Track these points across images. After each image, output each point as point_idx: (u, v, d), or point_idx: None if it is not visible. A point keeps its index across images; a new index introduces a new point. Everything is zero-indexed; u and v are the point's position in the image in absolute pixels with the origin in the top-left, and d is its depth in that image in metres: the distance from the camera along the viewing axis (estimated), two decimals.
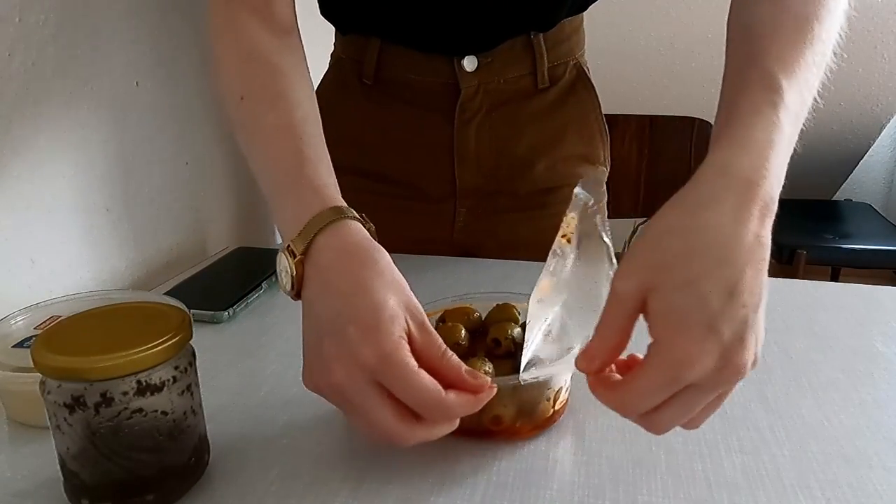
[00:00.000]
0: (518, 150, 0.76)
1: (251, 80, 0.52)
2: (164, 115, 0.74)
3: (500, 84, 0.73)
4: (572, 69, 0.76)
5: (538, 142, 0.76)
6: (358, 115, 0.77)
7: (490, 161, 0.76)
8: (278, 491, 0.40)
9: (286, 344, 0.57)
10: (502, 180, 0.77)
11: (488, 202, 0.78)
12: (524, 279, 0.70)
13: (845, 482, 0.40)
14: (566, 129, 0.77)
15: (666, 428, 0.37)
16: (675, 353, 0.34)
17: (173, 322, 0.38)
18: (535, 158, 0.77)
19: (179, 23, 0.77)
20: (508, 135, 0.75)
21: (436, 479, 0.40)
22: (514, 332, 0.47)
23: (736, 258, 0.35)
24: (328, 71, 0.81)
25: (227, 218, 0.89)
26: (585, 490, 0.39)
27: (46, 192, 0.60)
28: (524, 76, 0.74)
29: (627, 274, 0.36)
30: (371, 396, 0.37)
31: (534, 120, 0.76)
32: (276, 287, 0.70)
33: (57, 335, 0.37)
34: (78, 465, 0.36)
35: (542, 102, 0.75)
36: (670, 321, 0.34)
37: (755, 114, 0.39)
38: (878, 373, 0.52)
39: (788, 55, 0.42)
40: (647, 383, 0.35)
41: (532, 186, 0.78)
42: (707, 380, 0.34)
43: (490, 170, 0.77)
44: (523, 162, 0.77)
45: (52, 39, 0.59)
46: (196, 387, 0.40)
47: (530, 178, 0.77)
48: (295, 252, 0.42)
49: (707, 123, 1.23)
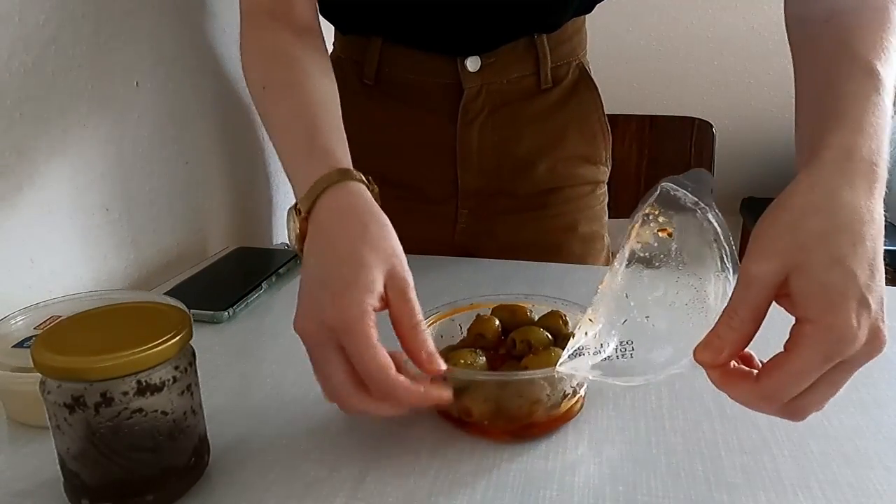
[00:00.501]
0: (520, 150, 0.76)
1: (272, 72, 0.56)
2: (164, 115, 0.74)
3: (503, 84, 0.73)
4: (575, 69, 0.76)
5: (540, 142, 0.76)
6: (357, 115, 0.77)
7: (492, 162, 0.76)
8: (278, 491, 0.40)
9: (286, 344, 0.57)
10: (504, 181, 0.77)
11: (489, 203, 0.78)
12: (525, 279, 0.71)
13: (845, 482, 0.40)
14: (567, 130, 0.77)
15: (809, 412, 0.37)
16: (834, 330, 0.34)
17: (173, 322, 0.38)
18: (537, 159, 0.77)
19: (179, 23, 0.77)
20: (510, 135, 0.75)
21: (436, 479, 0.40)
22: (535, 337, 0.47)
23: (872, 236, 0.36)
24: (337, 72, 0.81)
25: (227, 218, 0.89)
26: (585, 490, 0.39)
27: (46, 193, 0.60)
28: (527, 76, 0.74)
29: (765, 256, 0.36)
30: (330, 354, 0.39)
31: (536, 120, 0.76)
32: (276, 287, 0.70)
33: (57, 335, 0.37)
34: (78, 465, 0.36)
35: (545, 103, 0.75)
36: (823, 299, 0.34)
37: (865, 99, 0.40)
38: (878, 373, 0.52)
39: (876, 41, 0.44)
40: (803, 364, 0.35)
41: (533, 187, 0.78)
42: (857, 355, 0.35)
43: (492, 171, 0.77)
44: (525, 163, 0.77)
45: (52, 39, 0.59)
46: (196, 387, 0.40)
47: (531, 178, 0.77)
48: (301, 210, 0.46)
49: (707, 123, 1.23)
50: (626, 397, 0.48)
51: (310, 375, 0.41)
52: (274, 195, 1.03)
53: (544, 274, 0.72)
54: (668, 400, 0.48)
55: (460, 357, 0.44)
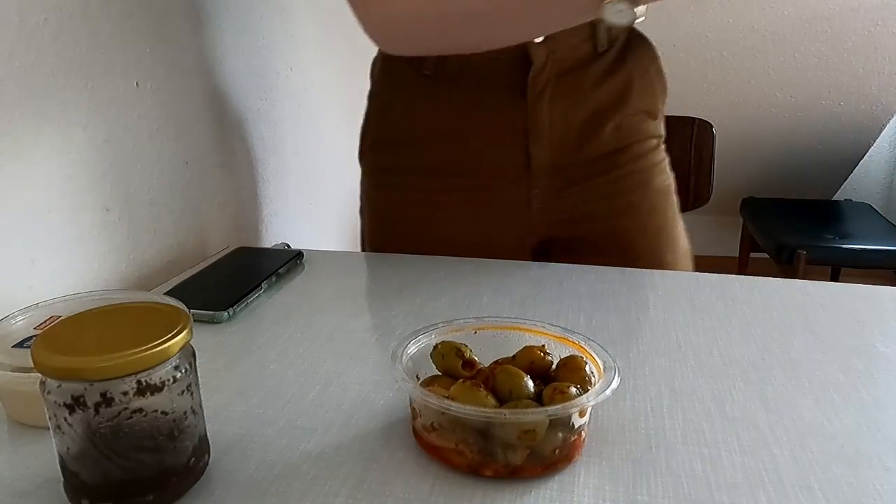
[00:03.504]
0: (586, 115, 0.76)
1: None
2: (164, 115, 0.75)
3: (565, 52, 0.73)
4: (629, 30, 0.77)
5: (605, 104, 0.76)
6: (416, 112, 0.76)
7: (562, 133, 0.76)
8: (278, 491, 0.40)
9: (286, 344, 0.57)
10: (573, 150, 0.77)
11: (560, 177, 0.78)
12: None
13: (845, 482, 0.40)
14: (629, 87, 0.77)
15: None
16: None
17: (173, 322, 0.38)
18: (603, 121, 0.77)
19: (179, 23, 0.77)
20: (576, 102, 0.75)
21: (436, 479, 0.40)
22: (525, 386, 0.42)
23: None
24: (379, 68, 0.80)
25: (227, 218, 0.89)
26: (585, 489, 0.39)
27: (46, 192, 0.60)
28: (584, 41, 0.74)
29: None
30: None
31: (598, 83, 0.75)
32: (276, 287, 0.70)
33: (57, 335, 0.37)
34: (78, 465, 0.36)
35: (603, 65, 0.76)
36: None
37: None
38: (878, 373, 0.52)
39: None
40: None
41: (600, 150, 0.78)
42: None
43: (562, 142, 0.76)
44: (592, 127, 0.77)
45: (52, 39, 0.59)
46: (196, 387, 0.40)
47: (599, 142, 0.77)
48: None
49: (707, 123, 1.23)
50: (626, 397, 0.48)
51: (310, 375, 0.41)
52: (274, 195, 1.03)
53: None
54: (668, 400, 0.48)
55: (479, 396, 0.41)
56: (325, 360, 0.54)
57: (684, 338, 0.58)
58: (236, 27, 0.89)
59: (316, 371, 0.52)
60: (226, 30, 0.86)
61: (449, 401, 0.39)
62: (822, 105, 2.33)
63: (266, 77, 0.99)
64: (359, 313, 0.63)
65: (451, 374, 0.44)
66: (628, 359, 0.54)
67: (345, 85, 1.28)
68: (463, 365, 0.44)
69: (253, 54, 0.95)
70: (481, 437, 0.40)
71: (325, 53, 1.21)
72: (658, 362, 0.53)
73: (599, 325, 0.60)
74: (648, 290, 0.68)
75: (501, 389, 0.41)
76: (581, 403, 0.39)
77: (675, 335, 0.58)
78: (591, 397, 0.40)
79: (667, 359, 0.54)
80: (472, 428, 0.40)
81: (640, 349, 0.56)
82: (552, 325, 0.48)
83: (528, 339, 0.47)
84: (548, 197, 0.78)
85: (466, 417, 0.39)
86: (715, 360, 0.54)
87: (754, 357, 0.54)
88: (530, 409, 0.39)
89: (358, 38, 0.67)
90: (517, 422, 0.39)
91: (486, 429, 0.40)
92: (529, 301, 0.65)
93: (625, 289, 0.68)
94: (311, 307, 0.65)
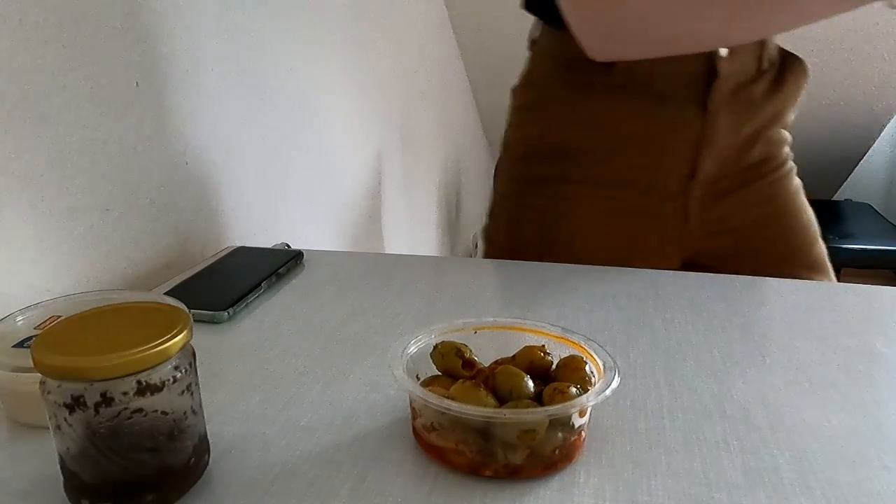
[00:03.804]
0: (751, 129, 0.79)
1: None
2: (164, 115, 0.75)
3: (739, 68, 0.76)
4: (780, 50, 0.80)
5: (767, 118, 0.79)
6: (595, 118, 0.78)
7: (729, 146, 0.78)
8: (278, 491, 0.40)
9: (286, 344, 0.57)
10: (731, 163, 0.79)
11: (714, 188, 0.80)
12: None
13: (845, 482, 0.40)
14: (787, 103, 0.81)
15: None
16: None
17: (173, 322, 0.38)
18: (762, 134, 0.80)
19: (179, 23, 0.77)
20: (746, 117, 0.78)
21: (436, 479, 0.40)
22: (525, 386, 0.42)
23: None
24: (550, 73, 0.80)
25: (227, 218, 0.89)
26: (585, 489, 0.39)
27: (46, 192, 0.60)
28: (755, 58, 0.77)
29: None
30: None
31: (765, 98, 0.78)
32: (276, 287, 0.70)
33: (57, 335, 0.37)
34: (78, 465, 0.36)
35: (765, 82, 0.78)
36: None
37: None
38: (878, 373, 0.52)
39: None
40: None
41: (749, 160, 0.80)
42: None
43: (725, 155, 0.78)
44: (752, 140, 0.79)
45: (52, 39, 0.59)
46: (196, 387, 0.40)
47: (752, 153, 0.80)
48: None
49: None
50: (626, 397, 0.48)
51: (310, 375, 0.41)
52: (274, 195, 1.03)
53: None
54: (668, 400, 0.48)
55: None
56: (325, 360, 0.54)
57: (684, 338, 0.58)
58: (236, 27, 0.89)
59: (316, 371, 0.52)
60: (226, 30, 0.86)
61: (449, 401, 0.39)
62: (822, 105, 2.33)
63: (266, 77, 0.99)
64: (359, 313, 0.63)
65: (451, 374, 0.44)
66: (628, 359, 0.54)
67: (345, 85, 1.28)
68: (463, 365, 0.44)
69: (253, 54, 0.95)
70: (481, 437, 0.40)
71: (326, 53, 1.21)
72: (658, 362, 0.53)
73: (599, 325, 0.60)
74: (648, 290, 0.68)
75: (501, 389, 0.41)
76: (581, 403, 0.39)
77: (675, 335, 0.58)
78: (591, 397, 0.40)
79: (667, 359, 0.54)
80: (472, 428, 0.40)
81: (640, 349, 0.56)
82: (552, 325, 0.48)
83: (528, 339, 0.47)
84: (702, 208, 0.80)
85: (466, 417, 0.39)
86: (715, 360, 0.54)
87: (754, 357, 0.54)
88: (530, 409, 0.39)
89: (358, 39, 0.67)
90: (517, 422, 0.39)
91: (486, 429, 0.39)
92: (530, 301, 0.65)
93: (625, 289, 0.68)
94: (311, 307, 0.65)
